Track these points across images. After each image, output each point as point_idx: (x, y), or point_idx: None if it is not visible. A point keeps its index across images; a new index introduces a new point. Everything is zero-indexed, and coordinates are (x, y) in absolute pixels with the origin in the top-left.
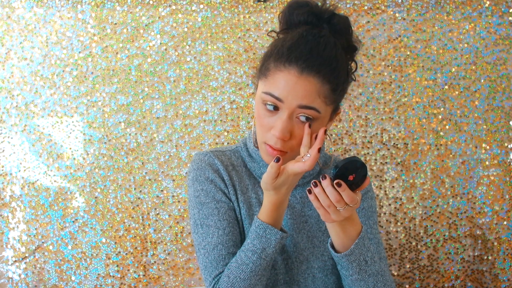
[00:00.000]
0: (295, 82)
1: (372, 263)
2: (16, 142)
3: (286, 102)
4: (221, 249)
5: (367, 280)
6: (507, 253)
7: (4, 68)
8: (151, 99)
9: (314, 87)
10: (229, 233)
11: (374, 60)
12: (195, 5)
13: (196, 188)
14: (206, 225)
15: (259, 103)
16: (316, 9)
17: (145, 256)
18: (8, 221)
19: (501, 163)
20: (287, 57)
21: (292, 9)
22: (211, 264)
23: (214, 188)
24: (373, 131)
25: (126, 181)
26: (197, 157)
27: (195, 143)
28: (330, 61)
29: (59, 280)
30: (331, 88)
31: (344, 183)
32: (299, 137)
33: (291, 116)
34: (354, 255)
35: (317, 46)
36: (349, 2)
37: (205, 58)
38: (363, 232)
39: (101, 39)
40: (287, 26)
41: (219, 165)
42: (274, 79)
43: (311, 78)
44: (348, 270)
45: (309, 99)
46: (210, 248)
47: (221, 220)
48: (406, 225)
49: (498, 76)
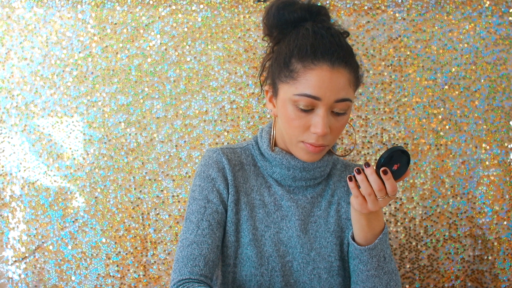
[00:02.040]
0: (329, 77)
1: (390, 261)
2: (16, 142)
3: (324, 99)
4: (195, 248)
5: (382, 277)
6: (507, 253)
7: (4, 68)
8: (151, 99)
9: (346, 77)
10: (207, 235)
11: (374, 60)
12: (195, 5)
13: (195, 182)
14: (190, 220)
15: (289, 105)
16: (304, 5)
17: (145, 256)
18: (8, 221)
19: (501, 163)
20: (314, 54)
21: (280, 9)
22: (182, 261)
23: (211, 187)
24: (373, 131)
25: (126, 181)
26: (207, 153)
27: (195, 143)
28: (349, 50)
29: (59, 280)
30: (355, 75)
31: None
32: (336, 130)
33: (327, 111)
34: (376, 250)
35: (333, 38)
36: (349, 2)
37: (205, 58)
38: (386, 228)
39: (101, 39)
40: (280, 27)
41: (226, 164)
42: (306, 79)
43: (341, 69)
44: (367, 265)
45: (344, 91)
46: (186, 244)
47: (203, 220)
48: (406, 225)
49: (498, 76)
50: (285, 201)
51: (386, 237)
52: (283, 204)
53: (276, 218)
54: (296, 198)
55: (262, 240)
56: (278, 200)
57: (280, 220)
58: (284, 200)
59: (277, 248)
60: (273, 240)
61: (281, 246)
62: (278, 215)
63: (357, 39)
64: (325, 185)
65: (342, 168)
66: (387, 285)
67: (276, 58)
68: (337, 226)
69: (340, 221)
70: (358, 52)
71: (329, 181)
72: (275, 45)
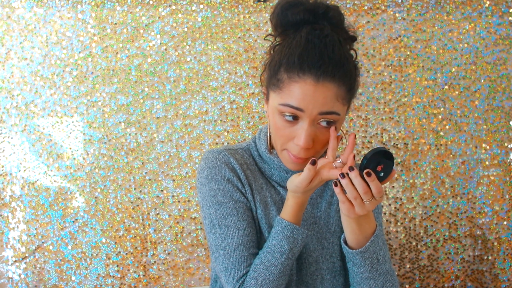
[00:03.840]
0: (313, 91)
1: (384, 262)
2: (16, 142)
3: (307, 111)
4: (243, 250)
5: (377, 279)
6: (507, 253)
7: (4, 68)
8: (151, 99)
9: (332, 92)
10: (249, 233)
11: (374, 60)
12: (195, 5)
13: (212, 187)
14: (225, 226)
15: (276, 114)
16: (310, 6)
17: (145, 256)
18: (8, 221)
19: (501, 163)
20: (300, 66)
21: (284, 9)
22: (234, 266)
23: (232, 187)
24: (373, 131)
25: (126, 181)
26: (210, 155)
27: (195, 143)
28: (341, 63)
29: (59, 280)
30: (346, 89)
31: (373, 173)
32: (322, 141)
33: (312, 124)
34: (368, 253)
35: (325, 49)
36: (349, 2)
37: (205, 58)
38: (378, 230)
39: (101, 39)
40: (283, 28)
41: (235, 164)
42: (290, 90)
43: (327, 83)
44: (360, 268)
45: (329, 104)
46: (231, 250)
47: (241, 220)
48: (406, 225)
49: (498, 76)
50: None
51: (378, 239)
52: None
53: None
54: None
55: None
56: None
57: None
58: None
59: None
60: None
61: None
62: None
63: (357, 39)
64: (324, 186)
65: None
66: (383, 287)
67: (270, 63)
68: (338, 227)
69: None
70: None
71: (328, 182)
72: (276, 46)
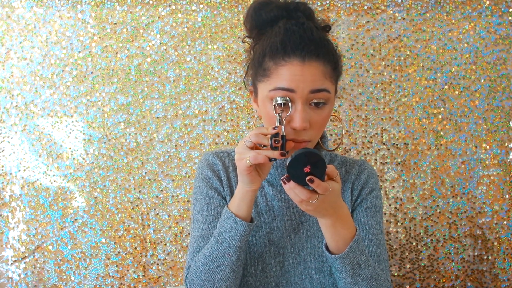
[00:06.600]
0: (301, 71)
1: (366, 267)
2: (16, 142)
3: (298, 90)
4: (201, 241)
5: (360, 284)
6: (507, 253)
7: (4, 68)
8: (151, 99)
9: (319, 70)
10: (213, 227)
11: (374, 60)
12: (195, 5)
13: (195, 185)
14: (196, 220)
15: (267, 103)
16: (281, 4)
17: (145, 257)
18: (8, 221)
19: (501, 163)
20: (284, 51)
21: (257, 10)
22: (189, 256)
23: (209, 186)
24: (373, 131)
25: (125, 181)
26: (202, 157)
27: (195, 143)
28: (322, 43)
29: (58, 280)
30: (332, 67)
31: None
32: (317, 124)
33: (305, 104)
34: (348, 258)
35: (305, 33)
36: (349, 2)
37: (205, 58)
38: (358, 235)
39: (101, 39)
40: (259, 28)
41: (219, 166)
42: (278, 75)
43: (313, 62)
44: (342, 273)
45: (319, 82)
46: (193, 241)
47: (208, 215)
48: (406, 225)
49: (498, 76)
50: (276, 202)
51: (359, 244)
52: (275, 204)
53: (267, 219)
54: (287, 198)
55: (253, 240)
56: (270, 201)
57: (271, 221)
58: (275, 200)
59: (268, 249)
60: (264, 241)
61: (272, 246)
62: (269, 216)
63: (357, 39)
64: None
65: (339, 165)
66: None
67: (253, 59)
68: None
69: None
70: (358, 52)
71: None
72: (255, 46)
